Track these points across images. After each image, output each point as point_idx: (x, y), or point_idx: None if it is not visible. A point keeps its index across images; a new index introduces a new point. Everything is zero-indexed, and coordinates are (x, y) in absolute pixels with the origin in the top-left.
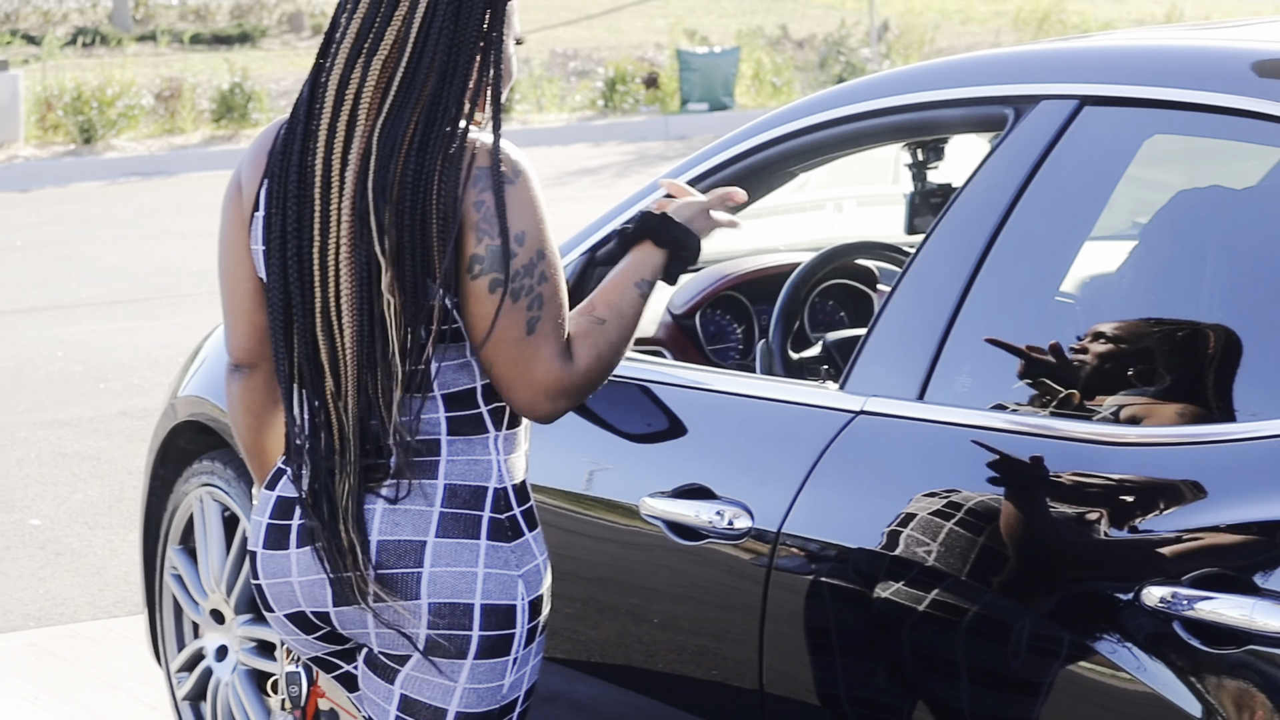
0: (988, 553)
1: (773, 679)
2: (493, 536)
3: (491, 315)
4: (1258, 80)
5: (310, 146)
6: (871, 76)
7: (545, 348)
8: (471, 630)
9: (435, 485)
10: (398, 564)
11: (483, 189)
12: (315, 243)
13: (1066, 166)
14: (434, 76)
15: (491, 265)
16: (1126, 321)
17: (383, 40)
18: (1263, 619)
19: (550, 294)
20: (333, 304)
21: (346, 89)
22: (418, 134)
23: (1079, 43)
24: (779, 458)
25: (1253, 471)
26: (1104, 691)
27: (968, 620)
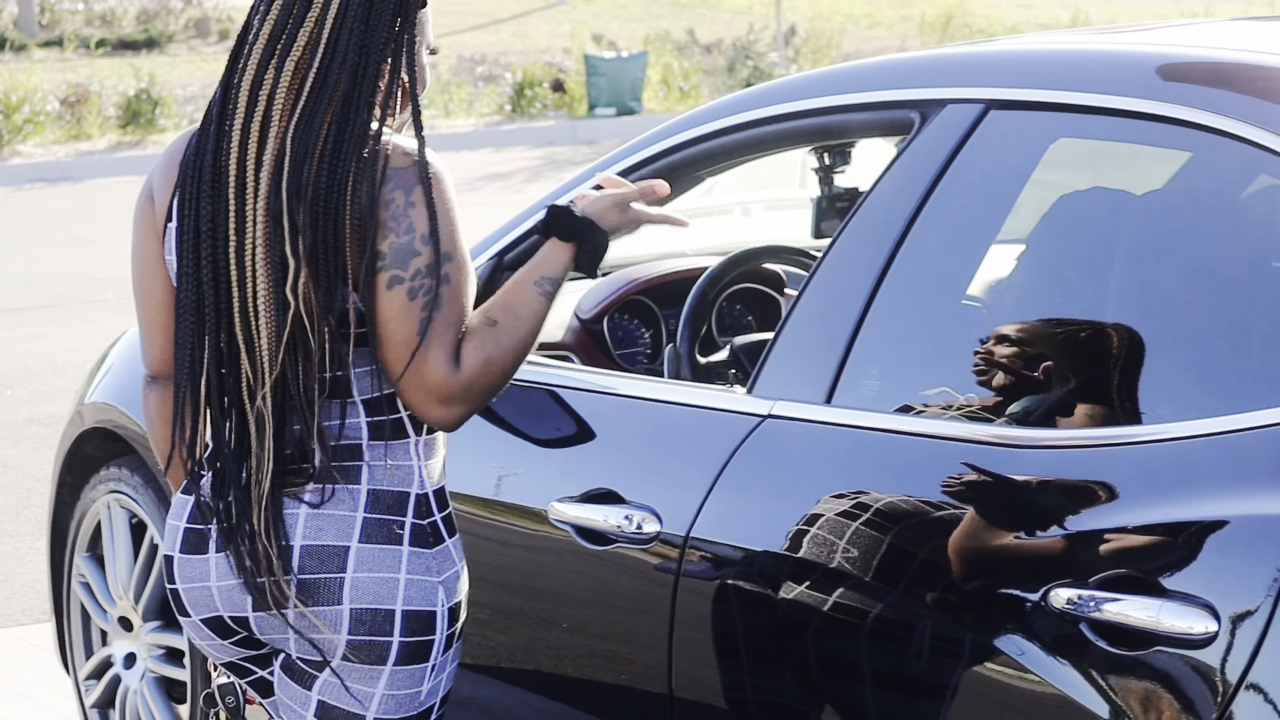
0: (895, 556)
1: (682, 683)
2: (415, 542)
3: (386, 313)
4: (1163, 84)
5: (224, 148)
6: (778, 81)
7: (434, 350)
8: (392, 636)
9: (358, 490)
10: (320, 569)
11: (393, 188)
12: (231, 243)
13: (972, 170)
14: (345, 78)
15: (393, 262)
16: (1031, 324)
17: (295, 41)
18: (1169, 620)
19: (450, 297)
20: (250, 305)
21: (260, 90)
22: (331, 135)
23: (985, 47)
24: (687, 462)
25: (1158, 473)
26: (1012, 694)
27: (875, 623)
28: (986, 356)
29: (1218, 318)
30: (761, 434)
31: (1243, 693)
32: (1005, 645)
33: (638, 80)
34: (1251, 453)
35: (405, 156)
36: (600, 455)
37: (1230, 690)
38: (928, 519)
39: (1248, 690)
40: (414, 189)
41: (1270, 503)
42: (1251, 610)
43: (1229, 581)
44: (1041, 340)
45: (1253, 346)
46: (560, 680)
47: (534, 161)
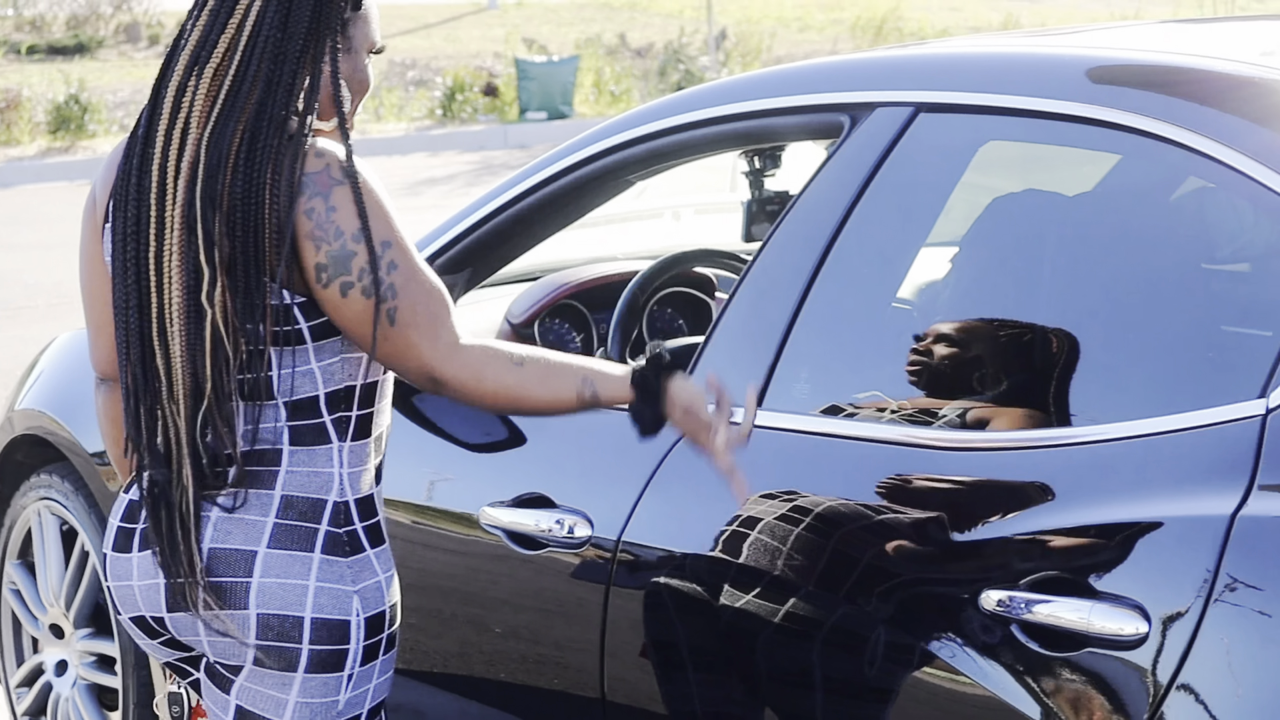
0: (827, 558)
1: (614, 687)
2: (328, 550)
3: (355, 319)
4: (1092, 87)
5: (149, 153)
6: (709, 84)
7: (412, 334)
8: (301, 644)
9: (271, 495)
10: (227, 573)
11: (310, 195)
12: (151, 249)
13: (902, 173)
14: (259, 85)
15: (336, 270)
16: (962, 327)
17: (215, 49)
18: (1100, 621)
19: (404, 281)
20: (166, 311)
21: (183, 97)
22: (244, 144)
23: (915, 50)
24: (618, 466)
25: (1090, 475)
26: (943, 696)
27: (806, 626)
28: (918, 359)
29: (1148, 319)
30: None
31: (1174, 693)
32: (936, 647)
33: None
34: (1182, 454)
35: (318, 159)
36: (531, 460)
37: (1161, 691)
38: (859, 522)
39: (1179, 691)
40: (331, 192)
41: (1200, 504)
42: (1182, 611)
43: (1159, 582)
44: (972, 343)
45: (1183, 348)
46: (493, 685)
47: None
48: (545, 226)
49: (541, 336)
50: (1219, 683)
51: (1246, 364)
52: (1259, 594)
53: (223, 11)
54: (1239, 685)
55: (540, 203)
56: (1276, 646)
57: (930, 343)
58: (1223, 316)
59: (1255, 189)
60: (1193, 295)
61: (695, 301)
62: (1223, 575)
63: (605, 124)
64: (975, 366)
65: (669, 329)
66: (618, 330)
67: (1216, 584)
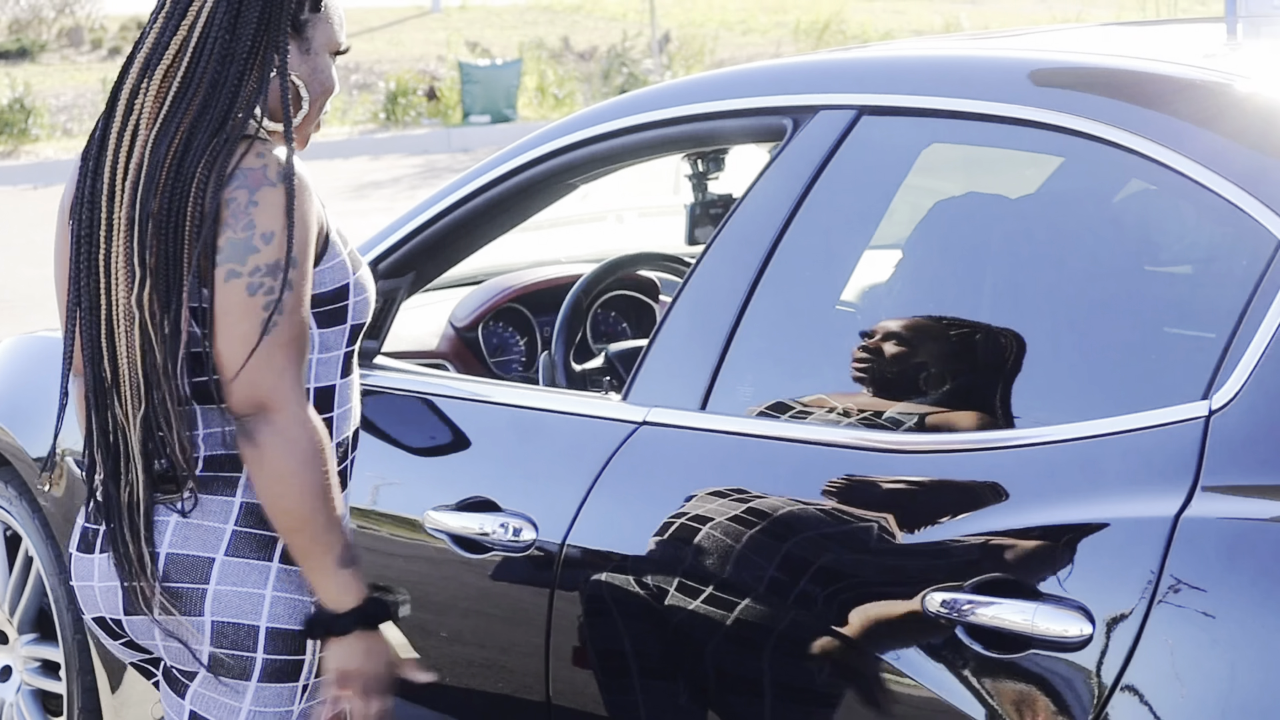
0: (772, 561)
1: (560, 690)
2: (286, 559)
3: (222, 305)
4: (1034, 89)
5: (103, 157)
6: (651, 88)
7: (278, 355)
8: (255, 653)
9: (232, 502)
10: (183, 579)
11: (237, 186)
12: (101, 250)
13: (845, 176)
14: (204, 88)
15: (230, 256)
16: (907, 330)
17: (166, 50)
18: (1044, 623)
19: (292, 307)
20: (115, 313)
21: (135, 98)
22: (181, 144)
23: (857, 53)
24: (563, 469)
25: (1033, 477)
26: (888, 697)
27: (751, 628)
28: (863, 362)
29: (1092, 321)
30: (637, 441)
31: (1118, 694)
32: (881, 649)
33: (512, 88)
34: (1126, 456)
35: (258, 159)
36: (476, 463)
37: (1106, 692)
38: (803, 524)
39: (1123, 692)
40: (260, 189)
41: (1144, 505)
42: (1126, 613)
43: (1104, 584)
44: (917, 345)
45: (1127, 350)
46: (438, 689)
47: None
48: (489, 230)
49: (485, 340)
50: (1163, 684)
51: (1190, 366)
52: (1202, 595)
53: (175, 14)
54: (1183, 686)
55: (484, 206)
56: (1220, 647)
57: (875, 345)
58: (1166, 318)
59: (1197, 191)
60: (1136, 297)
61: (639, 305)
62: (1166, 576)
63: (548, 128)
64: (920, 369)
65: (613, 332)
66: (562, 333)
67: (1160, 585)
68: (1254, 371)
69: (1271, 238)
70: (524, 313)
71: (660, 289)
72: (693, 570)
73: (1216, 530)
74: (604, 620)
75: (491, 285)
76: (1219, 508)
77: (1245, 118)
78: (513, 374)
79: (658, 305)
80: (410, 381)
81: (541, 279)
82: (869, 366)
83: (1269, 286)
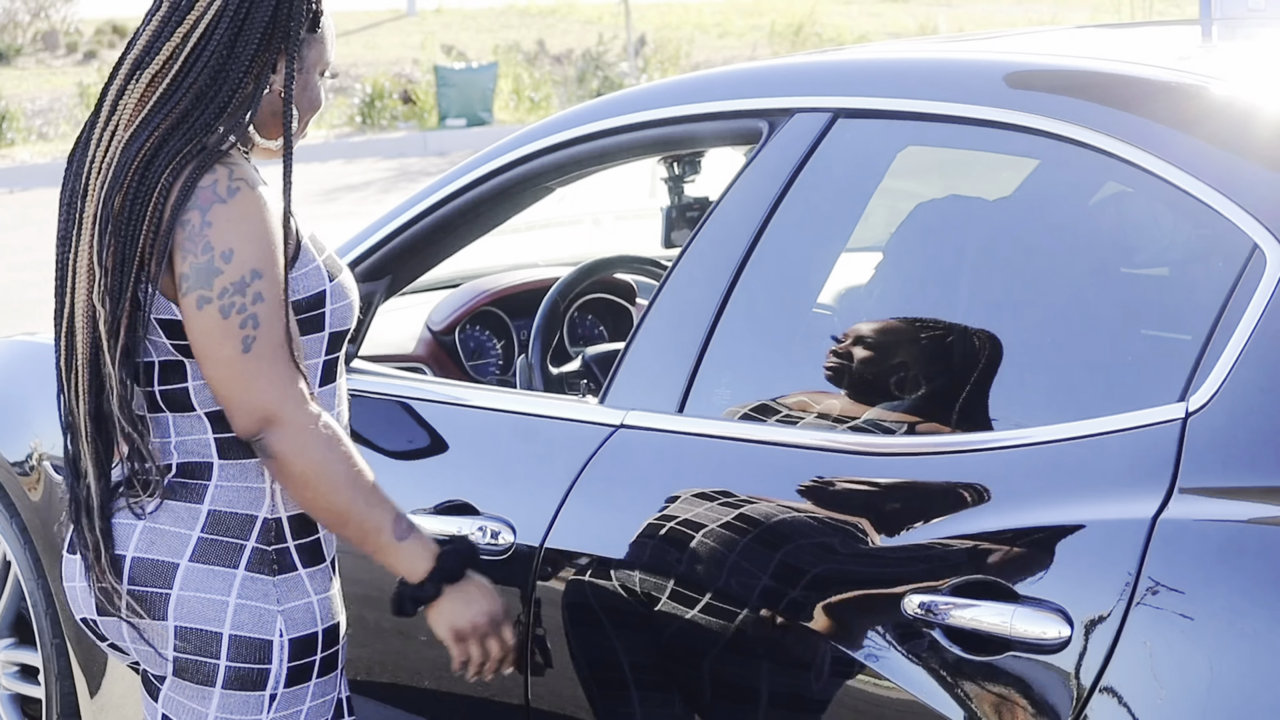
0: (749, 564)
1: (538, 694)
2: (253, 568)
3: (201, 333)
4: (1009, 92)
5: (85, 156)
6: (627, 91)
7: (266, 368)
8: (218, 659)
9: (199, 509)
10: (148, 583)
11: (190, 207)
12: (72, 249)
13: (821, 179)
14: (189, 97)
15: (197, 282)
16: (884, 332)
17: (158, 55)
18: (1023, 625)
19: (269, 315)
20: (75, 311)
21: (121, 98)
22: (152, 149)
23: (832, 56)
24: (540, 473)
25: (1011, 479)
26: (866, 700)
27: (730, 630)
28: (840, 364)
29: (1069, 323)
30: (614, 444)
31: (1097, 696)
32: (859, 652)
33: (488, 91)
34: (1104, 458)
35: (208, 175)
36: (453, 467)
37: (1084, 694)
38: (781, 527)
39: (1102, 694)
40: (210, 208)
41: (1122, 507)
42: (1104, 615)
43: (1082, 586)
44: (894, 348)
45: (1104, 352)
46: (418, 693)
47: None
48: (466, 233)
49: (462, 344)
50: (1142, 685)
51: (1167, 367)
52: (1180, 596)
53: (173, 20)
54: (1162, 687)
55: (461, 210)
56: (1198, 649)
57: (852, 347)
58: (1142, 321)
59: (1173, 194)
60: (1113, 300)
61: (616, 308)
62: (1144, 578)
63: (525, 130)
64: (898, 371)
65: (590, 335)
66: (538, 337)
67: (1138, 587)
68: (1230, 373)
69: (1247, 240)
70: (501, 316)
71: (637, 292)
72: (671, 572)
73: (1194, 532)
74: (582, 622)
75: (468, 289)
76: (1196, 509)
77: (1220, 120)
78: (490, 377)
79: (634, 308)
80: (387, 385)
81: (518, 282)
82: (846, 369)
83: (1244, 288)
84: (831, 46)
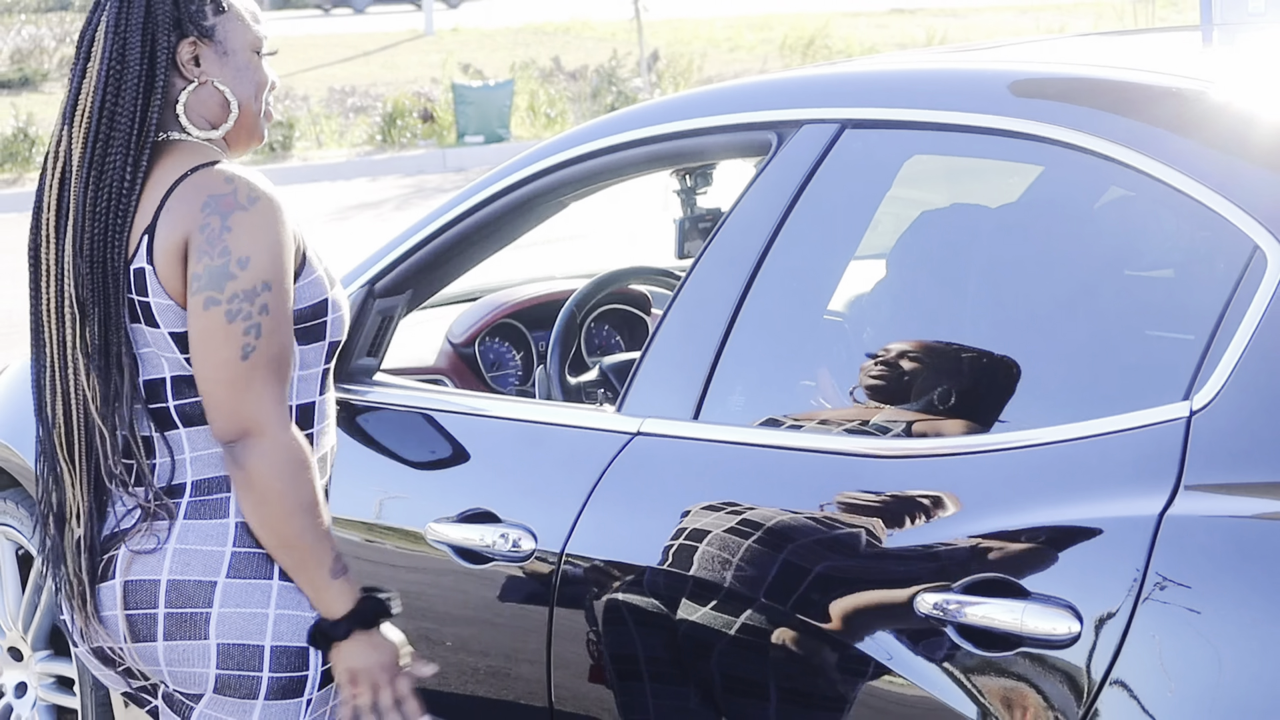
0: (765, 567)
1: (561, 696)
2: (286, 575)
3: (202, 333)
4: (1014, 100)
5: (42, 202)
6: (640, 106)
7: (259, 379)
8: (261, 672)
9: (227, 524)
10: (187, 604)
11: (210, 213)
12: (44, 291)
13: (830, 188)
14: (110, 118)
15: (208, 283)
16: (893, 338)
17: (80, 95)
18: (1033, 622)
19: (271, 329)
20: (52, 354)
21: (59, 147)
22: (95, 177)
23: (839, 68)
24: (560, 480)
25: (1021, 479)
26: (881, 697)
27: (746, 631)
28: (851, 369)
29: (1075, 326)
30: (631, 451)
31: (1107, 690)
32: (873, 650)
33: (505, 108)
34: (1111, 456)
35: (227, 184)
36: (475, 476)
37: (1095, 688)
38: (796, 531)
39: (1112, 687)
40: (231, 214)
41: (1129, 505)
42: (1113, 611)
43: (1091, 583)
44: (904, 353)
45: (1110, 353)
46: (444, 698)
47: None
48: (484, 247)
49: (482, 356)
50: (1151, 679)
51: (1171, 367)
52: (1188, 591)
53: (80, 59)
54: (1171, 681)
55: (478, 224)
56: (1206, 643)
57: (864, 353)
58: (1147, 321)
59: (1176, 197)
60: (1118, 301)
61: (631, 318)
62: (1152, 574)
63: (540, 146)
64: (908, 375)
65: (606, 345)
66: (556, 348)
67: (1146, 583)
68: (1233, 372)
69: (1248, 241)
70: (519, 328)
71: (652, 302)
72: (689, 577)
73: (1200, 528)
74: (603, 626)
75: (487, 302)
76: (1202, 506)
77: (1220, 124)
78: (509, 388)
79: (650, 318)
80: (410, 397)
81: (536, 295)
82: (858, 374)
83: (1246, 289)
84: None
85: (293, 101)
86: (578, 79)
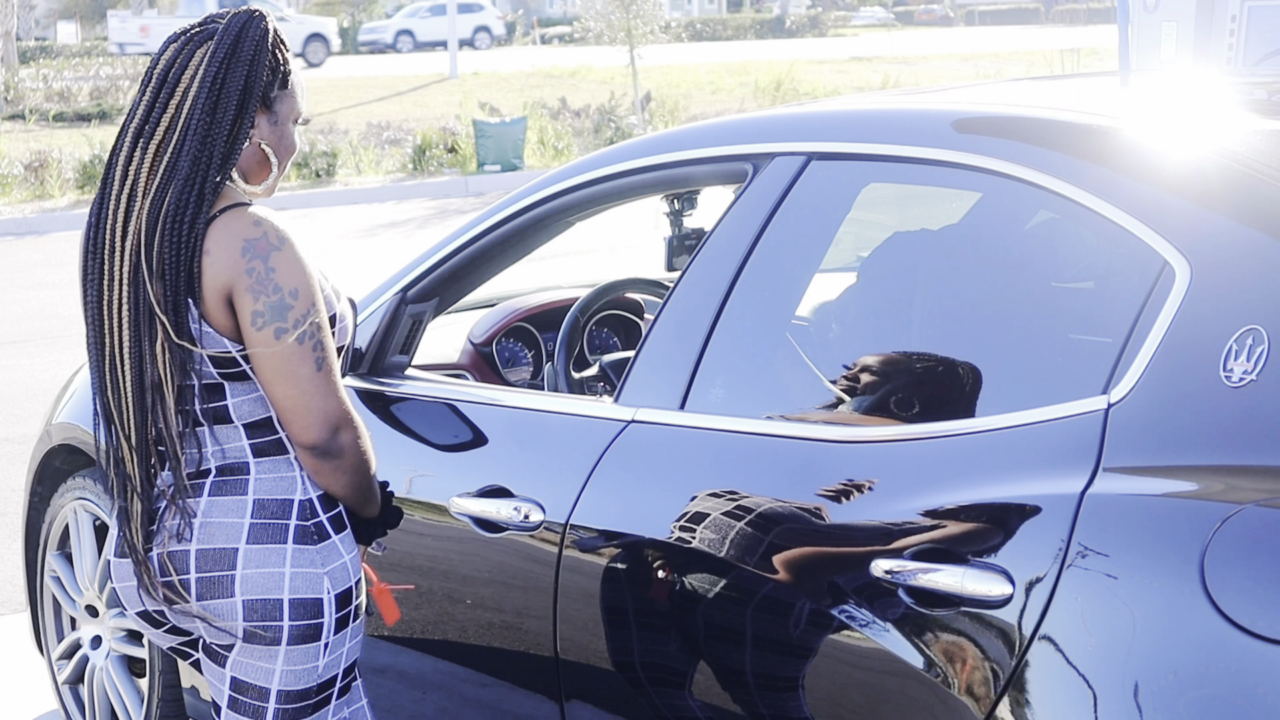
0: (741, 536)
1: (566, 647)
2: (299, 541)
3: (280, 358)
4: (956, 135)
5: (104, 214)
6: (635, 140)
7: (333, 380)
8: (282, 621)
9: (245, 500)
10: (214, 568)
11: (252, 257)
12: (104, 298)
13: (797, 211)
14: (189, 159)
15: (273, 317)
16: (853, 340)
17: (158, 126)
18: (972, 585)
19: (325, 339)
20: (116, 353)
21: (130, 166)
22: (171, 210)
23: (806, 107)
24: (565, 461)
25: (962, 462)
26: (841, 649)
27: (726, 591)
28: (815, 367)
29: (1009, 331)
30: (627, 436)
31: (1035, 644)
32: (833, 608)
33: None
34: (1039, 443)
35: (256, 228)
36: (492, 457)
37: (1025, 643)
38: (768, 506)
39: (1040, 642)
40: (270, 255)
41: (1055, 484)
42: (1041, 576)
43: (1022, 552)
44: (861, 353)
45: (1039, 353)
46: (465, 648)
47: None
48: (501, 261)
49: (499, 354)
50: (1074, 635)
51: (1092, 366)
52: (1106, 559)
53: (163, 93)
54: (1091, 636)
55: (496, 241)
56: (1122, 604)
57: (826, 354)
58: (1071, 326)
59: (1096, 219)
60: (1046, 309)
61: (627, 322)
62: (1075, 544)
63: (549, 175)
64: (866, 373)
65: (606, 345)
66: (563, 348)
67: (1070, 552)
68: (1145, 370)
69: (1158, 257)
70: (531, 330)
71: (645, 308)
72: (675, 545)
73: (1116, 505)
74: (602, 587)
75: (504, 307)
76: (1118, 486)
77: (1135, 155)
78: (522, 382)
79: (643, 322)
80: (436, 389)
81: (546, 302)
82: (823, 372)
83: (1156, 298)
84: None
85: (336, 134)
86: (581, 116)
